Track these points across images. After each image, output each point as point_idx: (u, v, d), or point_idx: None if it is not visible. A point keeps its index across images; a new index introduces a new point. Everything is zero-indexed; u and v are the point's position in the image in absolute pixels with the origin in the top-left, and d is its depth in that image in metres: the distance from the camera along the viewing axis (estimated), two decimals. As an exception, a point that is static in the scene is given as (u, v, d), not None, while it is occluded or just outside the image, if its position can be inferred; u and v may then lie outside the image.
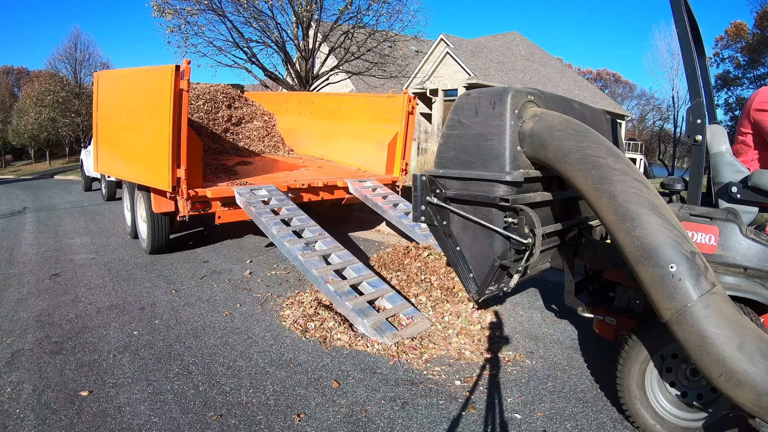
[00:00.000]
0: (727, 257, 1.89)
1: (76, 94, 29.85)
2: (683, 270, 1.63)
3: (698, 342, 1.61)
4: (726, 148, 2.30)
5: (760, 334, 1.61)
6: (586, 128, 2.06)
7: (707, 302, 1.60)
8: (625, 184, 1.80)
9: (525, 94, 2.23)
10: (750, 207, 2.20)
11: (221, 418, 2.15)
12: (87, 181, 12.07)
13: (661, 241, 1.68)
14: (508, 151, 2.14)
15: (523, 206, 2.14)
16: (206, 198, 4.27)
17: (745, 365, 1.54)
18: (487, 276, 2.33)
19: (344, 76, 15.03)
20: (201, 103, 6.69)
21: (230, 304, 3.62)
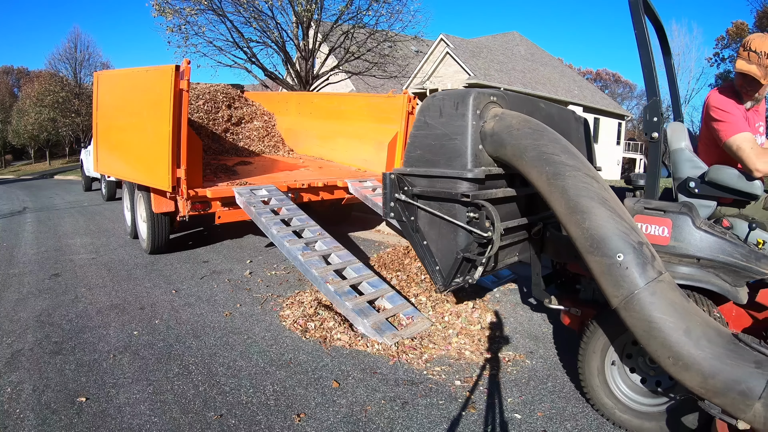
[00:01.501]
0: (680, 248, 1.97)
1: (76, 94, 29.88)
2: (630, 259, 1.71)
3: (645, 327, 1.69)
4: (686, 145, 2.37)
5: (706, 320, 1.67)
6: (543, 127, 2.15)
7: (653, 289, 1.68)
8: (576, 179, 1.90)
9: (487, 96, 2.32)
10: (708, 201, 2.27)
11: (221, 418, 2.15)
12: (87, 181, 12.08)
13: (609, 232, 1.76)
14: (469, 149, 2.25)
15: (483, 202, 2.23)
16: (206, 198, 4.27)
17: (691, 349, 1.60)
18: (451, 268, 2.43)
19: (344, 76, 15.04)
20: (201, 103, 6.69)
21: (230, 304, 3.62)
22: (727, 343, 1.60)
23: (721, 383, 1.56)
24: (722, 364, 1.56)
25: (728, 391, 1.55)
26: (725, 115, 2.17)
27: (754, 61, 2.07)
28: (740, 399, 1.54)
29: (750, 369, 1.53)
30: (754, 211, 2.26)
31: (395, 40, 13.54)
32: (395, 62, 14.25)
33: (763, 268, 1.90)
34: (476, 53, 21.34)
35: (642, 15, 2.08)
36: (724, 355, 1.57)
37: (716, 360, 1.57)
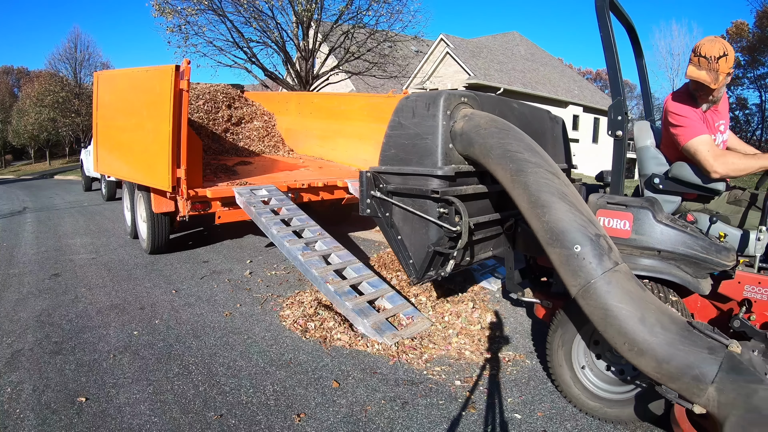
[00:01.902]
0: (641, 241, 2.04)
1: (76, 94, 29.86)
2: (587, 250, 1.79)
3: (602, 315, 1.76)
4: (651, 143, 2.44)
5: (661, 307, 1.74)
6: (509, 126, 2.25)
7: (609, 279, 1.75)
8: (537, 175, 1.99)
9: (458, 97, 2.41)
10: (673, 197, 2.34)
11: (221, 418, 2.15)
12: (87, 181, 12.07)
13: (568, 225, 1.85)
14: (440, 148, 2.34)
15: (452, 198, 2.32)
16: (206, 198, 4.27)
17: (645, 336, 1.66)
18: (423, 261, 2.53)
19: (344, 76, 15.04)
20: (201, 103, 6.69)
21: (230, 304, 3.62)
22: (681, 330, 1.65)
23: (675, 368, 1.61)
24: (676, 350, 1.62)
25: (682, 376, 1.61)
26: (682, 119, 2.22)
27: (704, 66, 2.12)
28: (694, 383, 1.58)
29: (703, 354, 1.58)
30: (718, 206, 2.32)
31: (395, 40, 13.54)
32: (395, 62, 14.25)
33: (723, 260, 1.96)
34: (476, 53, 21.34)
35: (607, 18, 2.13)
36: (677, 341, 1.63)
37: (670, 346, 1.62)
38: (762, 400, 1.46)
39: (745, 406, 1.49)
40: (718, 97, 2.26)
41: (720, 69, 2.10)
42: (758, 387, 1.48)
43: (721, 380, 1.54)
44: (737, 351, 1.59)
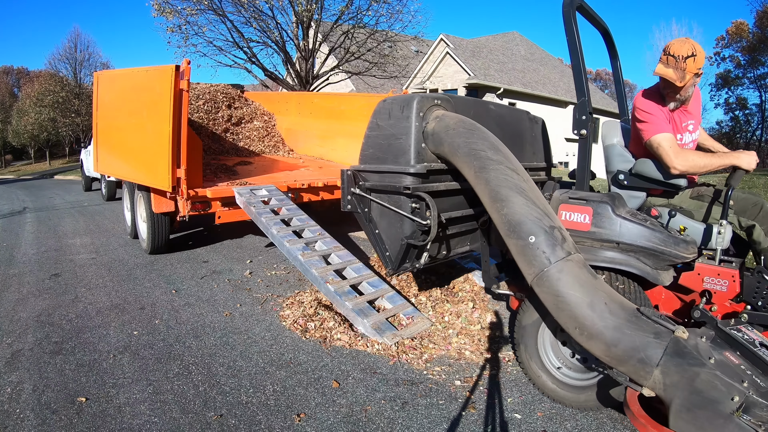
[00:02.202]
0: (600, 234, 2.14)
1: (76, 94, 29.85)
2: (541, 241, 1.91)
3: (554, 301, 1.87)
4: (618, 141, 2.55)
5: (611, 294, 1.83)
6: (476, 127, 2.38)
7: (561, 267, 1.85)
8: (498, 172, 2.13)
9: (431, 100, 2.55)
10: (638, 192, 2.43)
11: (221, 418, 2.15)
12: (87, 181, 12.07)
13: (524, 218, 1.98)
14: (413, 148, 2.48)
15: (423, 193, 2.45)
16: (206, 198, 4.27)
17: (595, 320, 1.75)
18: (398, 253, 2.67)
19: (344, 76, 15.04)
20: (201, 103, 6.69)
21: (230, 304, 3.62)
22: (629, 316, 1.74)
23: (622, 351, 1.69)
24: (623, 334, 1.70)
25: (629, 359, 1.69)
26: (647, 116, 2.30)
27: (671, 64, 2.18)
28: (640, 366, 1.66)
29: (649, 339, 1.66)
30: (682, 201, 2.38)
31: (395, 40, 13.54)
32: (395, 62, 14.25)
33: (682, 252, 2.03)
34: (476, 53, 21.33)
35: (573, 22, 2.23)
36: (625, 326, 1.71)
37: (617, 330, 1.71)
38: (703, 382, 1.52)
39: (688, 388, 1.55)
40: (685, 96, 2.30)
41: (687, 68, 2.16)
42: (700, 370, 1.53)
43: (666, 363, 1.60)
44: (683, 336, 1.65)
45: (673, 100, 2.31)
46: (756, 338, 1.67)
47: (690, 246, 2.07)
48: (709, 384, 1.51)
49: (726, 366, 1.56)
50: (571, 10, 2.23)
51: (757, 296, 2.02)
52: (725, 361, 1.58)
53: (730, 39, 31.18)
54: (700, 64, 2.18)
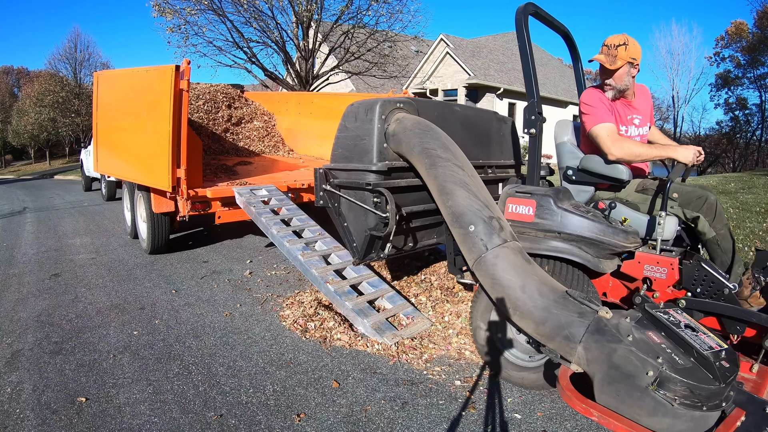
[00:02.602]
0: (543, 224, 2.29)
1: (76, 94, 29.83)
2: (480, 229, 2.11)
3: (491, 284, 2.05)
4: (568, 139, 2.71)
5: (542, 278, 1.98)
6: (431, 128, 2.58)
7: (497, 253, 2.04)
8: (445, 168, 2.33)
9: (393, 103, 2.73)
10: (586, 186, 2.58)
11: (221, 418, 2.15)
12: (87, 181, 12.06)
13: (465, 209, 2.17)
14: (375, 148, 2.66)
15: (382, 189, 2.63)
16: (206, 198, 4.27)
17: (526, 301, 1.92)
18: (363, 244, 2.87)
19: (344, 76, 15.04)
20: (201, 103, 6.69)
21: (230, 304, 3.62)
22: (557, 297, 1.88)
23: (550, 329, 1.84)
24: (550, 314, 1.85)
25: (555, 336, 1.84)
26: (589, 108, 2.46)
27: (604, 52, 2.42)
28: (565, 343, 1.81)
29: (573, 318, 1.80)
30: (627, 194, 2.50)
31: (395, 40, 13.54)
32: (395, 62, 14.25)
33: (622, 242, 2.15)
34: (476, 53, 21.33)
35: (525, 29, 2.40)
36: (552, 306, 1.86)
37: (545, 310, 1.86)
38: (620, 358, 1.62)
39: (607, 363, 1.66)
40: (621, 84, 2.45)
41: (618, 55, 2.36)
42: (617, 346, 1.64)
43: (587, 340, 1.73)
44: (606, 316, 1.77)
45: (610, 89, 2.47)
46: (683, 320, 1.76)
47: (630, 236, 2.18)
48: (626, 359, 1.61)
49: (643, 343, 1.64)
50: (523, 18, 2.40)
51: (696, 283, 2.11)
52: (645, 339, 1.66)
53: (729, 39, 31.17)
54: (633, 54, 2.36)
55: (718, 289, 2.06)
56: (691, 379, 1.53)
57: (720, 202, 2.32)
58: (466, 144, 3.13)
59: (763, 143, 31.25)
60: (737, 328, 2.01)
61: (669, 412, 1.54)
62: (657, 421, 1.56)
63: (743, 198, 6.88)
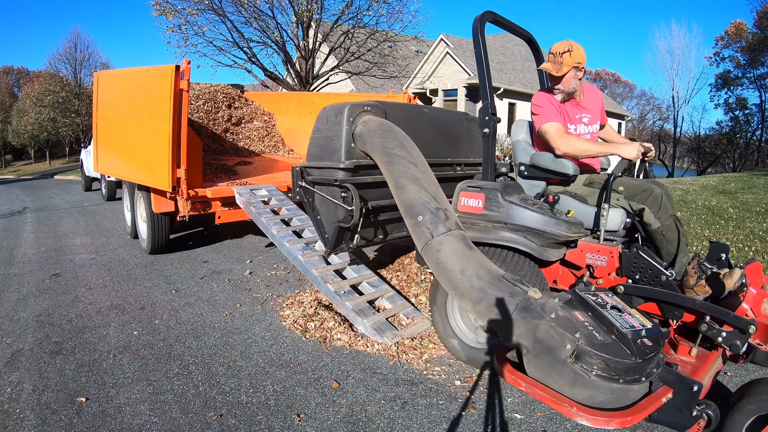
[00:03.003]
0: (491, 216, 2.49)
1: (76, 94, 29.81)
2: (427, 219, 2.29)
3: (435, 267, 2.22)
4: (523, 137, 2.86)
5: (481, 262, 2.14)
6: (392, 128, 2.78)
7: (441, 240, 2.21)
8: (401, 165, 2.53)
9: (361, 107, 2.94)
10: (537, 181, 2.73)
11: (221, 418, 2.15)
12: (87, 181, 12.07)
13: (415, 201, 2.36)
14: (343, 147, 2.87)
15: (348, 185, 2.84)
16: (206, 198, 4.27)
17: (465, 283, 2.08)
18: (333, 235, 3.04)
19: (344, 76, 15.04)
20: (201, 103, 6.69)
21: (230, 304, 3.62)
22: (493, 279, 2.05)
23: (484, 308, 2.01)
24: (485, 294, 2.02)
25: (489, 314, 2.00)
26: (539, 108, 2.65)
27: (551, 60, 2.57)
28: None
29: (505, 297, 1.97)
30: (576, 188, 2.64)
31: (395, 40, 13.53)
32: (395, 62, 14.24)
33: (564, 232, 2.32)
34: (476, 53, 21.31)
35: (481, 37, 2.57)
36: (487, 287, 2.03)
37: (481, 291, 2.03)
38: (543, 333, 1.77)
39: (532, 337, 1.80)
40: (569, 89, 2.61)
41: (563, 62, 2.51)
42: (540, 322, 1.79)
43: (516, 317, 1.89)
44: (534, 296, 1.92)
45: (558, 92, 2.63)
46: (610, 302, 1.87)
47: (573, 227, 2.34)
48: (547, 334, 1.76)
49: (565, 320, 1.77)
50: (480, 26, 2.59)
51: (635, 271, 2.24)
52: (568, 317, 1.78)
53: (729, 39, 31.16)
54: (577, 59, 2.52)
55: (655, 276, 2.18)
56: (607, 353, 1.64)
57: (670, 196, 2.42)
58: (434, 143, 3.43)
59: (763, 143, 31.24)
60: (675, 313, 2.12)
61: (587, 383, 1.65)
62: (578, 392, 1.68)
63: (743, 198, 6.88)
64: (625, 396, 1.66)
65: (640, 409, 1.64)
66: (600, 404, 1.66)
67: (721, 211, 6.04)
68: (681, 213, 6.08)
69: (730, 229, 5.24)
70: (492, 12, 2.72)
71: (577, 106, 2.71)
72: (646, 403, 1.66)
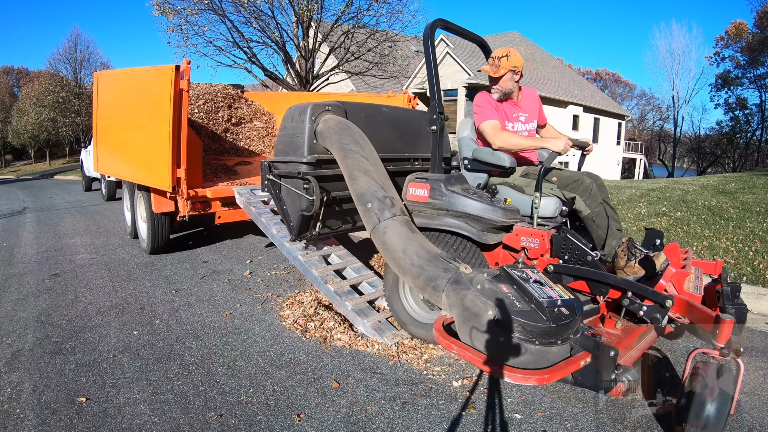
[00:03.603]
0: (435, 204, 2.74)
1: (76, 94, 29.84)
2: (375, 206, 2.61)
3: (382, 248, 2.55)
4: (467, 134, 3.11)
5: (421, 243, 2.45)
6: (348, 126, 3.08)
7: (386, 224, 2.55)
8: (354, 159, 2.83)
9: (323, 106, 3.21)
10: (479, 174, 2.98)
11: (221, 418, 2.15)
12: (87, 181, 12.07)
13: (365, 191, 2.68)
14: (306, 143, 3.15)
15: (309, 177, 3.09)
16: (206, 198, 4.27)
17: (405, 261, 2.40)
18: (297, 223, 3.32)
19: (344, 76, 15.03)
20: (201, 103, 6.69)
21: (230, 304, 3.62)
22: (431, 257, 2.34)
23: (422, 282, 2.30)
24: (423, 270, 2.31)
25: (427, 287, 2.28)
26: (479, 108, 2.93)
27: (490, 63, 2.88)
28: (434, 292, 2.25)
29: (440, 272, 2.25)
30: (515, 179, 2.90)
31: (395, 40, 13.53)
32: (395, 62, 14.25)
33: (501, 218, 2.59)
34: (476, 53, 21.31)
35: (431, 41, 2.84)
36: (425, 264, 2.32)
37: (419, 267, 2.32)
38: (469, 301, 2.01)
39: (461, 306, 2.04)
40: (506, 89, 2.90)
41: (501, 65, 2.82)
42: (467, 293, 2.05)
43: (447, 289, 2.16)
44: (465, 271, 2.20)
45: (496, 92, 2.91)
46: (534, 277, 2.11)
47: (509, 213, 2.61)
48: (473, 302, 2.01)
49: (490, 291, 2.02)
50: (430, 32, 2.85)
51: (564, 252, 2.49)
52: (493, 288, 2.03)
53: (729, 39, 31.17)
54: (514, 63, 2.82)
55: (582, 257, 2.42)
56: (524, 318, 1.89)
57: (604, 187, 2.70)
58: (392, 140, 3.68)
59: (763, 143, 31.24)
60: (601, 290, 2.32)
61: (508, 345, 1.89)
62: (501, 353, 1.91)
63: (743, 198, 6.88)
64: (543, 358, 1.87)
65: (558, 369, 1.84)
66: (521, 364, 1.87)
67: (721, 211, 6.04)
68: (681, 213, 6.09)
69: (730, 229, 5.24)
70: (443, 19, 2.98)
71: (514, 105, 3.00)
72: (564, 365, 1.85)
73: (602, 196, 2.61)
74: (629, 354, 2.17)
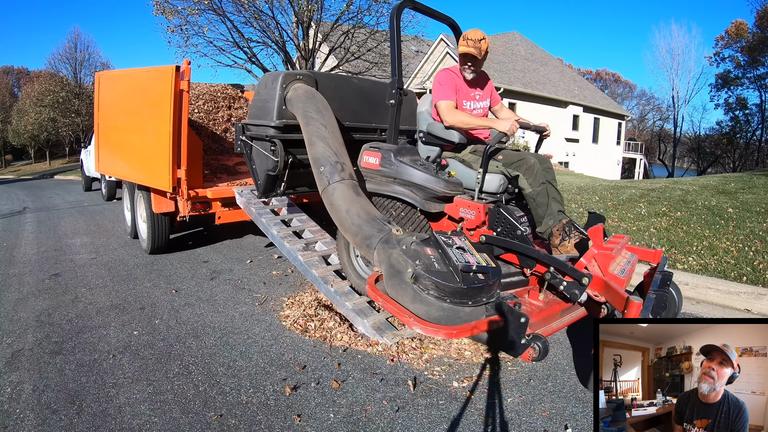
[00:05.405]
0: (384, 171, 2.98)
1: (76, 94, 29.80)
2: (327, 170, 2.83)
3: (330, 208, 2.80)
4: (426, 109, 3.30)
5: (364, 206, 2.70)
6: (314, 95, 3.27)
7: (335, 186, 2.77)
8: (314, 126, 3.03)
9: (294, 75, 3.43)
10: (432, 147, 3.17)
11: (221, 418, 2.15)
12: (87, 181, 12.06)
13: (320, 155, 2.89)
14: (275, 109, 3.35)
15: (275, 140, 3.37)
16: (206, 198, 4.27)
17: (347, 220, 2.65)
18: (264, 182, 3.61)
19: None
20: (201, 103, 6.68)
21: (230, 304, 3.62)
22: (368, 218, 2.60)
23: (360, 239, 2.56)
24: (360, 229, 2.56)
25: (362, 245, 2.55)
26: (437, 86, 3.09)
27: (471, 45, 2.95)
28: (368, 250, 2.50)
29: (374, 232, 2.50)
30: (464, 155, 3.08)
31: (395, 40, 13.49)
32: (395, 62, 14.22)
33: (443, 189, 2.80)
34: (476, 53, 21.32)
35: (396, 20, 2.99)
36: (363, 224, 2.57)
37: (358, 227, 2.58)
38: (394, 259, 2.27)
39: (387, 262, 2.29)
40: (479, 69, 3.11)
41: (482, 47, 2.96)
42: (393, 251, 2.30)
43: (378, 247, 2.41)
44: (396, 233, 2.44)
45: (472, 72, 3.08)
46: (458, 244, 2.33)
47: (451, 185, 2.83)
48: (397, 260, 2.24)
49: (413, 252, 2.25)
50: (397, 11, 3.02)
51: (497, 225, 2.71)
52: (417, 250, 2.26)
53: (729, 39, 31.17)
54: (486, 45, 2.98)
55: (513, 231, 2.63)
56: (438, 278, 2.09)
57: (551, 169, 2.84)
58: (360, 110, 3.86)
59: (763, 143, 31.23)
60: (528, 263, 2.53)
61: (423, 300, 2.12)
62: (417, 307, 2.14)
63: (743, 198, 6.88)
64: (455, 315, 2.07)
65: (466, 327, 2.03)
66: (435, 320, 2.08)
67: (721, 211, 6.04)
68: (681, 213, 6.08)
69: (730, 229, 5.24)
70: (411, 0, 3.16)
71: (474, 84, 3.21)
72: (473, 324, 2.05)
73: (547, 177, 2.73)
74: (550, 325, 2.40)
